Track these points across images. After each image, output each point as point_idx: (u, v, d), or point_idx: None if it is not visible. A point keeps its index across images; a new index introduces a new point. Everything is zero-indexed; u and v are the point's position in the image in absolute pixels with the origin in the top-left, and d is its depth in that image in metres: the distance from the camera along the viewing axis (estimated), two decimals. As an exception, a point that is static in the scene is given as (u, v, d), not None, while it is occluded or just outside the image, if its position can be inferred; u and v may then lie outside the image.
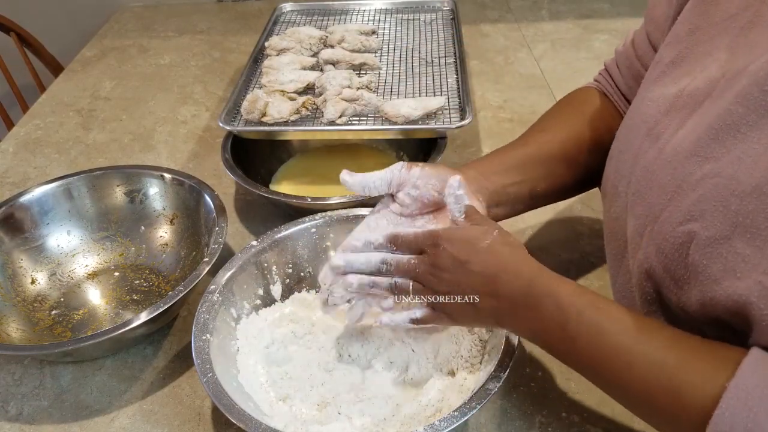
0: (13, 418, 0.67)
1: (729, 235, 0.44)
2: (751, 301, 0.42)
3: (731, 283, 0.43)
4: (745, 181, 0.44)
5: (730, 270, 0.44)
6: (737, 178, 0.44)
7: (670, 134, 0.52)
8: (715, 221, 0.45)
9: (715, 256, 0.45)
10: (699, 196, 0.47)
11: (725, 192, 0.45)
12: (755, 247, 0.42)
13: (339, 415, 0.61)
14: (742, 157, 0.44)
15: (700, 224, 0.46)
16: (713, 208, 0.45)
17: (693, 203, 0.47)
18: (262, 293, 0.71)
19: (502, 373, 0.55)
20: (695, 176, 0.48)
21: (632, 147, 0.57)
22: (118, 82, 1.28)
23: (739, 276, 0.43)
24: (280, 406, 0.62)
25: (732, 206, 0.44)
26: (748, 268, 0.42)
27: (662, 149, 0.52)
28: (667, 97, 0.55)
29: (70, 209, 0.83)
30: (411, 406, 0.61)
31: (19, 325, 0.74)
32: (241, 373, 0.63)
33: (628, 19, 1.41)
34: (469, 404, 0.53)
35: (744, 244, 0.43)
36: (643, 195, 0.54)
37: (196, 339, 0.61)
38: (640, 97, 0.59)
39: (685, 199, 0.48)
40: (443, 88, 0.95)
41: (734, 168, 0.45)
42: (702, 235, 0.46)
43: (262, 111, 0.87)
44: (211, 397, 0.56)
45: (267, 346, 0.68)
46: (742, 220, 0.43)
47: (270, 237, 0.72)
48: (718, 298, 0.44)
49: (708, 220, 0.46)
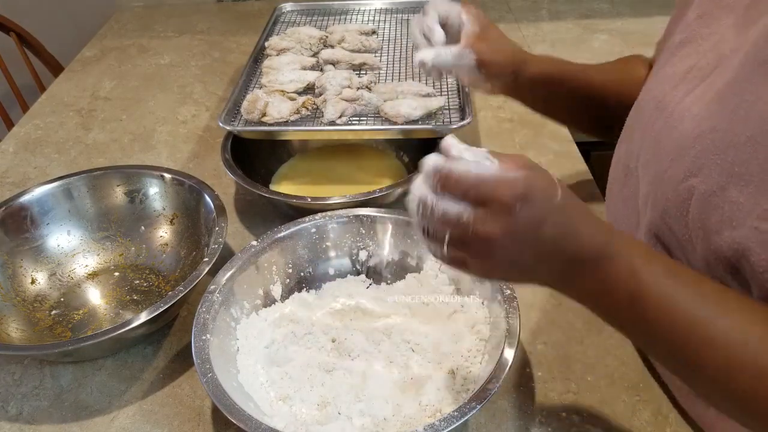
0: (13, 418, 0.67)
1: (724, 185, 0.44)
2: (749, 246, 0.42)
3: (729, 233, 0.43)
4: (741, 132, 0.44)
5: (726, 220, 0.44)
6: (733, 130, 0.45)
7: (676, 103, 0.53)
8: (712, 173, 0.45)
9: (712, 207, 0.45)
10: (698, 152, 0.47)
11: (722, 145, 0.45)
12: (748, 194, 0.43)
13: (339, 415, 0.61)
14: (736, 110, 0.45)
15: (699, 179, 0.47)
16: (711, 162, 0.46)
17: (692, 159, 0.48)
18: (262, 293, 0.71)
19: (501, 373, 0.55)
20: (696, 132, 0.49)
21: (642, 123, 0.58)
22: (118, 82, 1.28)
23: (735, 225, 0.43)
24: (280, 406, 0.62)
25: (728, 158, 0.45)
26: (743, 216, 0.43)
27: (668, 117, 0.54)
28: (676, 74, 0.56)
29: (70, 209, 0.83)
30: (411, 406, 0.61)
31: (19, 325, 0.74)
32: (241, 373, 0.63)
33: (628, 19, 1.41)
34: (469, 404, 0.53)
35: (738, 192, 0.43)
36: (650, 164, 0.55)
37: (196, 339, 0.61)
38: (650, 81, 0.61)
39: (685, 157, 0.49)
40: (443, 88, 0.95)
41: (730, 121, 0.45)
42: (700, 189, 0.46)
43: (262, 111, 0.87)
44: (211, 397, 0.56)
45: (267, 346, 0.68)
46: (737, 170, 0.44)
47: (270, 237, 0.72)
48: (719, 251, 0.44)
49: (705, 174, 0.46)
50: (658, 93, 0.57)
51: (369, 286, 0.75)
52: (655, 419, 0.62)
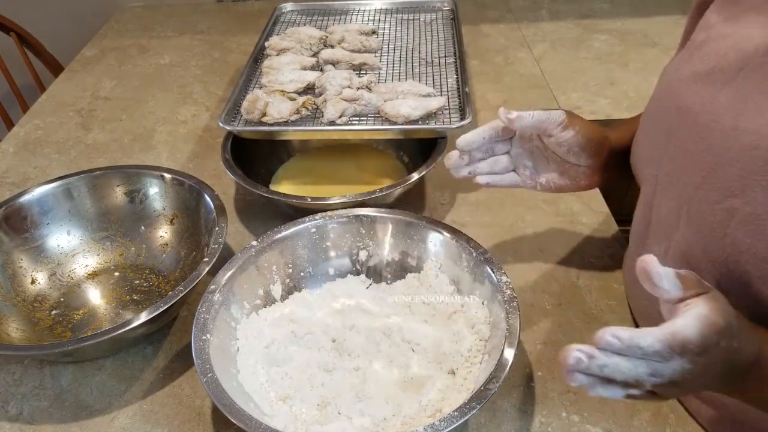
0: (13, 418, 0.67)
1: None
2: None
3: None
4: None
5: None
6: None
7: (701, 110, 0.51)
8: (757, 195, 0.43)
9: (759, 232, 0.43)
10: (738, 170, 0.45)
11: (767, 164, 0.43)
12: None
13: (339, 415, 0.61)
14: None
15: (741, 200, 0.44)
16: (754, 182, 0.43)
17: (732, 179, 0.45)
18: (262, 293, 0.71)
19: (501, 373, 0.55)
20: (733, 150, 0.46)
21: (663, 126, 0.56)
22: (118, 82, 1.28)
23: None
24: (280, 406, 0.62)
25: None
26: None
27: (693, 125, 0.51)
28: (697, 75, 0.53)
29: (70, 209, 0.83)
30: (411, 406, 0.61)
31: (19, 325, 0.74)
32: (241, 373, 0.63)
33: (628, 19, 1.41)
34: (469, 404, 0.53)
35: None
36: (677, 176, 0.52)
37: (196, 339, 0.61)
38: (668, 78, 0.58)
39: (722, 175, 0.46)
40: (443, 88, 0.95)
41: None
42: (743, 211, 0.44)
43: (262, 111, 0.87)
44: (211, 397, 0.56)
45: (267, 346, 0.68)
46: None
47: (270, 237, 0.72)
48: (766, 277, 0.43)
49: (749, 195, 0.44)
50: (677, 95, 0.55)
51: (369, 286, 0.75)
52: (655, 419, 0.62)
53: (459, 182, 0.95)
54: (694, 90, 0.53)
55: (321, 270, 0.75)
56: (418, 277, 0.73)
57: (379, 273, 0.75)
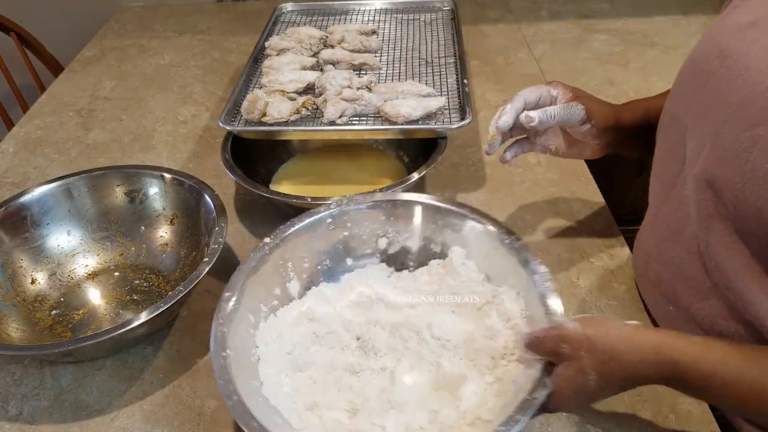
0: (13, 418, 0.67)
1: None
2: None
3: None
4: None
5: None
6: None
7: (741, 53, 0.53)
8: None
9: None
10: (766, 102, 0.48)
11: None
12: None
13: (372, 425, 0.57)
14: None
15: (765, 128, 0.47)
16: None
17: (759, 109, 0.48)
18: (279, 292, 0.67)
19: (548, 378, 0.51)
20: (763, 86, 0.49)
21: (699, 72, 0.58)
22: (118, 82, 1.28)
23: None
24: (309, 417, 0.58)
25: None
26: None
27: (731, 66, 0.53)
28: (741, 25, 0.55)
29: (70, 209, 0.83)
30: (449, 412, 0.57)
31: (19, 325, 0.74)
32: (265, 385, 0.59)
33: (628, 19, 1.41)
34: (514, 417, 0.49)
35: None
36: (706, 113, 0.55)
37: (216, 356, 0.56)
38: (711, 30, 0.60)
39: (750, 107, 0.49)
40: (443, 88, 0.95)
41: None
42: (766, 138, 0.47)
43: (262, 111, 0.87)
44: (239, 422, 0.51)
45: (289, 352, 0.64)
46: None
47: (282, 232, 0.68)
48: None
49: None
50: (721, 41, 0.56)
51: (390, 275, 0.71)
52: (655, 419, 0.62)
53: (459, 182, 0.95)
54: (737, 37, 0.55)
55: (338, 261, 0.71)
56: (442, 263, 0.69)
57: (401, 261, 0.71)
